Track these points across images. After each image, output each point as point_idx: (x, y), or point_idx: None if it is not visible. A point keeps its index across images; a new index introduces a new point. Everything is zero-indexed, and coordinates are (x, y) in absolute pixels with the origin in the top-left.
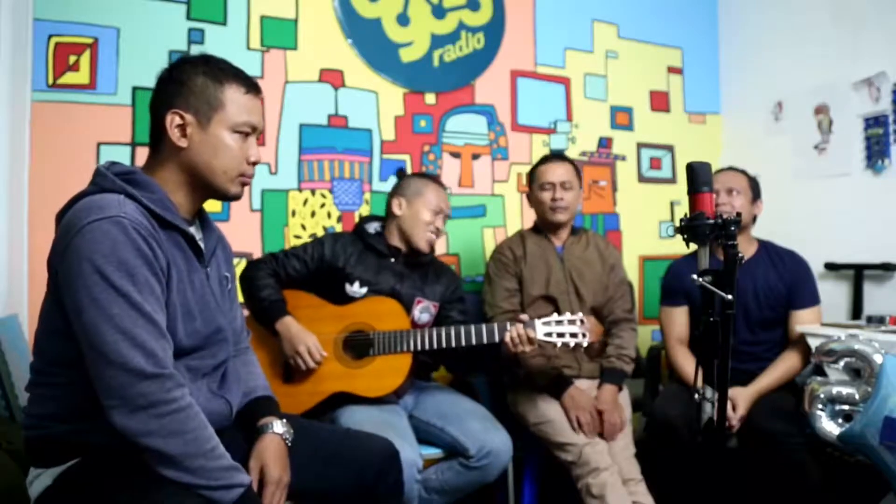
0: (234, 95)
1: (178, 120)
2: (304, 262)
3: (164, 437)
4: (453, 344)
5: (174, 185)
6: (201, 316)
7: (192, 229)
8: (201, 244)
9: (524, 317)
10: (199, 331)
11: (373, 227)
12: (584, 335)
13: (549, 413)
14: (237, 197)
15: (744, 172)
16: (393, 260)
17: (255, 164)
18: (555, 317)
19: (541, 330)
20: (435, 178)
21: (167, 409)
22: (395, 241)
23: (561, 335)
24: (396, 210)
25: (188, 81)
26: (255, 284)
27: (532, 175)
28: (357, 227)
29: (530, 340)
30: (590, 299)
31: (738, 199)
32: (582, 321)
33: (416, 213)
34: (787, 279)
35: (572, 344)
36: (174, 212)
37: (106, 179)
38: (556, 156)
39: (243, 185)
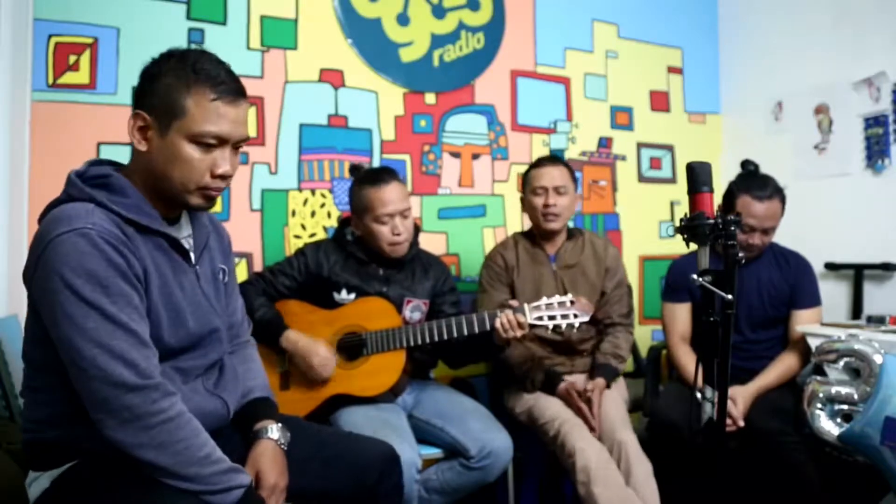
0: (199, 101)
1: (139, 122)
2: (293, 277)
3: (155, 448)
4: (445, 336)
5: (144, 187)
6: (193, 317)
7: (175, 228)
8: (187, 243)
9: (514, 302)
10: (191, 332)
11: (350, 233)
12: (575, 315)
13: (546, 413)
14: (202, 208)
15: (781, 196)
16: (375, 265)
17: (222, 177)
18: (544, 300)
19: (531, 315)
20: (374, 180)
21: (154, 420)
22: (372, 247)
23: (552, 318)
24: (356, 230)
25: (156, 80)
26: (248, 307)
27: (525, 178)
28: (336, 235)
29: (521, 325)
30: None
31: (771, 234)
32: (572, 302)
33: (367, 228)
34: (791, 279)
35: (564, 326)
36: (152, 214)
37: (74, 187)
38: (550, 158)
39: (208, 198)
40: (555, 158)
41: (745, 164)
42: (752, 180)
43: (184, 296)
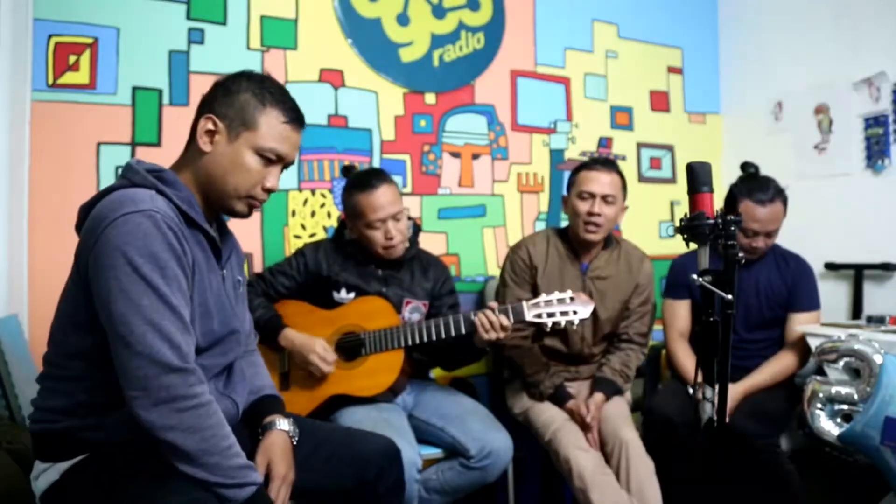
0: (271, 120)
1: (210, 125)
2: (292, 277)
3: (183, 431)
4: (443, 335)
5: (193, 187)
6: (218, 316)
7: (212, 230)
8: (220, 246)
9: (493, 304)
10: (214, 330)
11: (349, 233)
12: (575, 312)
13: (541, 416)
14: (241, 216)
15: (782, 198)
16: (373, 266)
17: (269, 191)
18: (543, 297)
19: (530, 312)
20: (362, 186)
21: (188, 403)
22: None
23: (551, 315)
24: (350, 234)
25: (235, 94)
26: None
27: (573, 178)
28: (336, 235)
29: (503, 327)
30: (607, 326)
31: (774, 237)
32: (572, 298)
33: (360, 233)
34: (790, 281)
35: (563, 323)
36: (199, 211)
37: (137, 175)
38: (604, 162)
39: (251, 207)
40: (609, 163)
41: (746, 166)
42: (753, 183)
43: (212, 294)
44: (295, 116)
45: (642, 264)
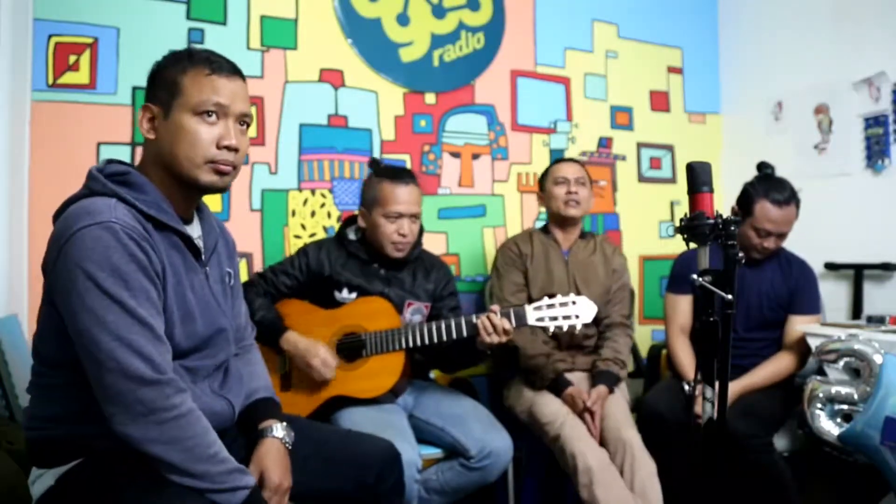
0: (195, 78)
1: (148, 114)
2: (294, 277)
3: (165, 443)
4: (445, 338)
5: (160, 182)
6: (202, 317)
7: (189, 228)
8: (199, 243)
9: (495, 307)
10: (199, 332)
11: (353, 233)
12: (577, 316)
13: (545, 411)
14: (214, 187)
15: (796, 201)
16: (376, 265)
17: (228, 148)
18: (546, 300)
19: (532, 315)
20: (393, 176)
21: (167, 415)
22: (374, 247)
23: (553, 318)
24: (361, 222)
25: (158, 74)
26: (249, 309)
27: (545, 174)
28: (338, 234)
29: (506, 331)
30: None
31: (784, 238)
32: (574, 302)
33: (375, 223)
34: (792, 284)
35: (565, 327)
36: (169, 212)
37: (97, 182)
38: (570, 159)
39: (218, 172)
40: (574, 160)
41: (762, 166)
42: (770, 184)
43: (194, 295)
44: (221, 65)
45: (615, 254)
